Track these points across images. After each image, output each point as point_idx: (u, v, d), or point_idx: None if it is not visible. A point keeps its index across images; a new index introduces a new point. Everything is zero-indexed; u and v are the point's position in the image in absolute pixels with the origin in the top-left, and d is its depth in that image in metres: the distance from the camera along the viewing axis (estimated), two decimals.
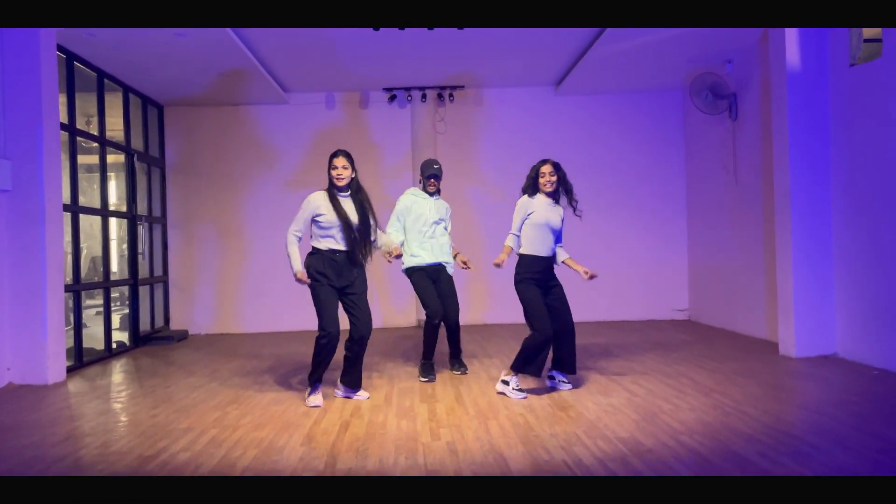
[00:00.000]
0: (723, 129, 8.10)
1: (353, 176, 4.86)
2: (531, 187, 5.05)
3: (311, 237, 4.85)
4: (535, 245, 4.94)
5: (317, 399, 4.79)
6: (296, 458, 3.59)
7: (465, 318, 9.14)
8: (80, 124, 7.13)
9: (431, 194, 5.78)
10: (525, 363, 4.83)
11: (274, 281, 9.08)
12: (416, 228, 5.68)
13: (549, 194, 5.02)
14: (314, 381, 4.85)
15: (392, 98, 9.11)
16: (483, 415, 4.40)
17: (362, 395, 5.00)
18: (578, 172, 9.25)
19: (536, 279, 4.92)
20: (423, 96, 9.08)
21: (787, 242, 6.21)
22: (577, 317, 9.08)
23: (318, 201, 4.78)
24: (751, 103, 7.48)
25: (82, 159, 7.82)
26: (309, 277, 4.74)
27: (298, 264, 4.75)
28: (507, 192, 9.01)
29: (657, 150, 9.39)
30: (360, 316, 4.78)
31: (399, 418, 4.38)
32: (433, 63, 8.18)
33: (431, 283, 5.64)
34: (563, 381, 5.08)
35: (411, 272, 5.69)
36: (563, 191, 5.05)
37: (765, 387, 4.98)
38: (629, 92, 9.26)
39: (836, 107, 6.07)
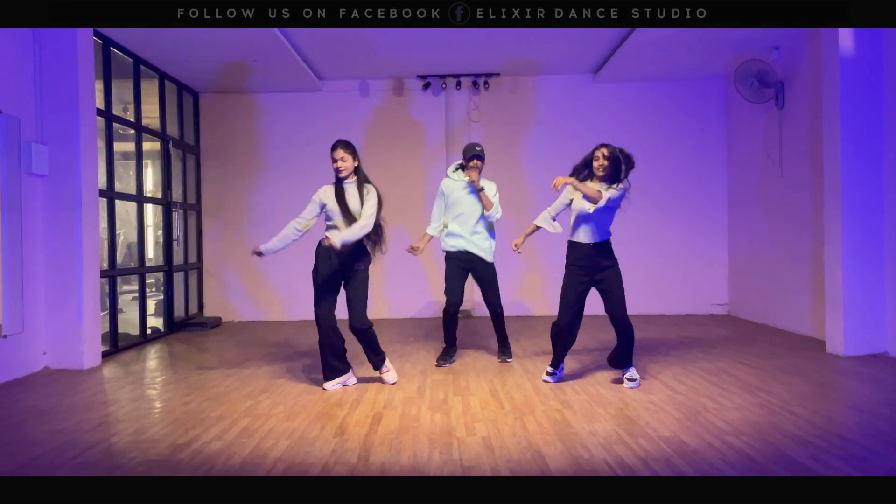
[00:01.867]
0: (768, 118, 7.82)
1: (357, 165, 4.87)
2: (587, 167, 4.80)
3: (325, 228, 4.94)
4: (575, 232, 4.85)
5: (331, 384, 4.95)
6: (328, 451, 3.52)
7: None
8: (116, 111, 7.15)
9: (470, 180, 5.66)
10: (554, 350, 5.02)
11: (307, 269, 9.03)
12: (452, 214, 5.71)
13: (600, 179, 4.75)
14: (325, 371, 4.97)
15: (426, 86, 8.99)
16: (519, 410, 4.29)
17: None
18: None
19: (578, 265, 4.79)
20: (458, 84, 8.94)
21: (837, 235, 5.96)
22: None
23: (325, 192, 4.87)
24: (799, 91, 7.20)
25: (119, 146, 7.87)
26: (314, 268, 4.95)
27: (269, 245, 4.93)
28: (543, 182, 8.86)
29: (698, 139, 9.12)
30: (353, 309, 4.88)
31: (433, 411, 4.29)
32: (468, 50, 8.03)
33: (460, 272, 5.68)
34: (629, 379, 4.84)
35: (446, 257, 5.76)
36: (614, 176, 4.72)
37: (813, 385, 4.78)
38: (669, 80, 9.00)
39: (891, 93, 5.79)
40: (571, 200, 4.83)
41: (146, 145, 7.85)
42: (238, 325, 8.84)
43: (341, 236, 4.68)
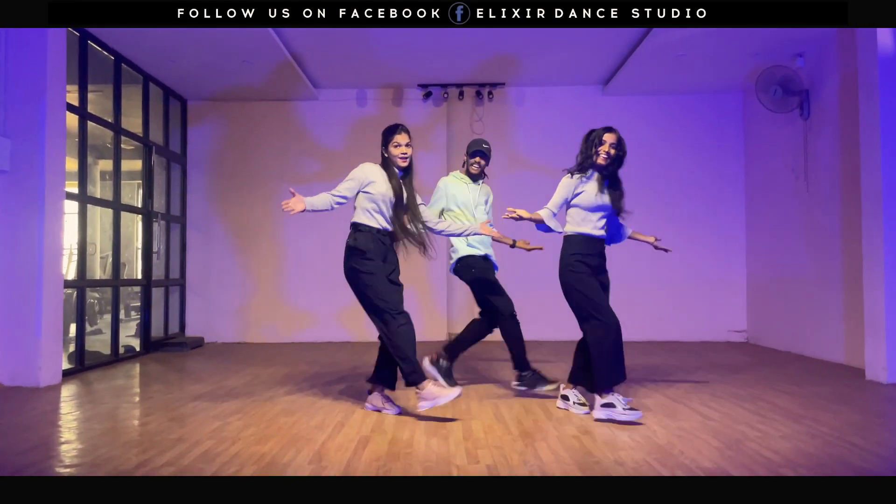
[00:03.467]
0: (792, 130, 7.32)
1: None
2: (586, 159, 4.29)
3: (356, 213, 4.23)
4: (585, 225, 4.22)
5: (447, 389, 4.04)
6: None
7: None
8: (96, 112, 6.64)
9: (475, 178, 5.12)
10: (608, 372, 3.97)
11: (299, 288, 8.51)
12: (461, 217, 5.02)
13: (601, 168, 4.26)
14: (420, 373, 4.02)
15: (427, 95, 8.52)
16: (529, 435, 3.68)
17: (390, 408, 4.26)
18: (626, 179, 8.53)
19: (588, 263, 4.15)
20: (461, 94, 8.48)
21: (878, 252, 5.41)
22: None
23: (374, 171, 4.22)
24: (826, 100, 6.72)
25: (106, 164, 7.42)
26: (358, 259, 4.08)
27: (312, 202, 4.05)
28: (548, 196, 8.34)
29: (713, 154, 8.63)
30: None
31: (428, 436, 3.68)
32: (471, 58, 7.60)
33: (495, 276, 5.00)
34: (578, 403, 4.25)
35: (470, 263, 4.95)
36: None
37: (865, 414, 4.18)
38: (683, 92, 8.55)
39: None
40: (579, 193, 4.24)
41: (134, 164, 7.38)
42: (221, 346, 8.22)
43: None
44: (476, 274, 4.94)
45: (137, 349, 7.41)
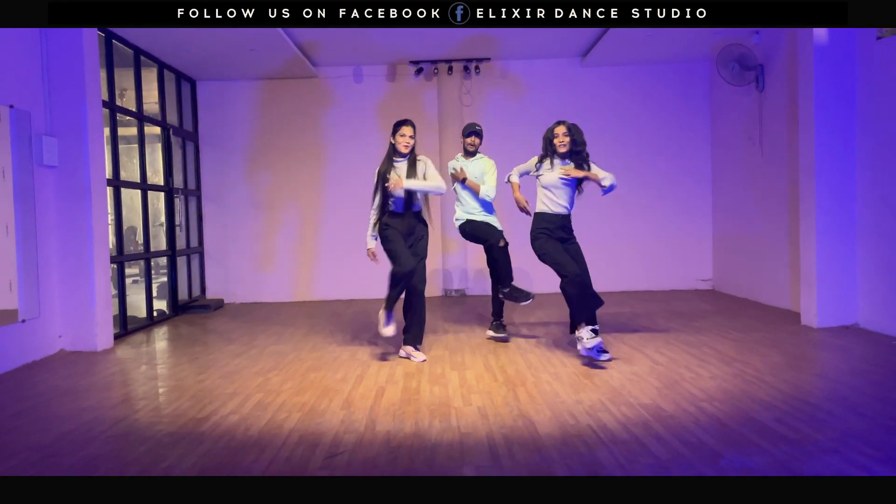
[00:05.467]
0: (749, 101, 8.11)
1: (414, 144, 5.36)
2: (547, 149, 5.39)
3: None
4: (547, 203, 5.29)
5: (389, 330, 5.26)
6: (337, 421, 3.84)
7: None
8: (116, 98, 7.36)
9: (471, 154, 5.96)
10: (581, 309, 5.00)
11: (305, 251, 9.35)
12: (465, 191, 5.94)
13: (562, 156, 5.29)
14: (388, 310, 5.26)
15: (419, 71, 9.21)
16: (511, 382, 4.62)
17: (418, 356, 5.35)
18: (604, 143, 9.36)
19: (550, 233, 5.24)
20: (450, 69, 9.16)
21: (811, 212, 6.29)
22: (599, 286, 9.27)
23: (382, 169, 5.35)
24: (778, 75, 7.49)
25: (120, 131, 8.08)
26: (382, 229, 5.33)
27: (371, 243, 5.41)
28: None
29: (683, 120, 9.41)
30: (418, 274, 5.30)
31: (431, 384, 4.61)
32: (459, 35, 8.25)
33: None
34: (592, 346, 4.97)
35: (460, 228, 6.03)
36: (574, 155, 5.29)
37: (786, 356, 5.13)
38: (655, 62, 9.26)
39: (863, 79, 6.09)
40: (539, 176, 5.31)
41: (145, 130, 8.07)
42: (240, 306, 9.13)
43: (410, 183, 5.24)
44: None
45: (167, 312, 8.32)
